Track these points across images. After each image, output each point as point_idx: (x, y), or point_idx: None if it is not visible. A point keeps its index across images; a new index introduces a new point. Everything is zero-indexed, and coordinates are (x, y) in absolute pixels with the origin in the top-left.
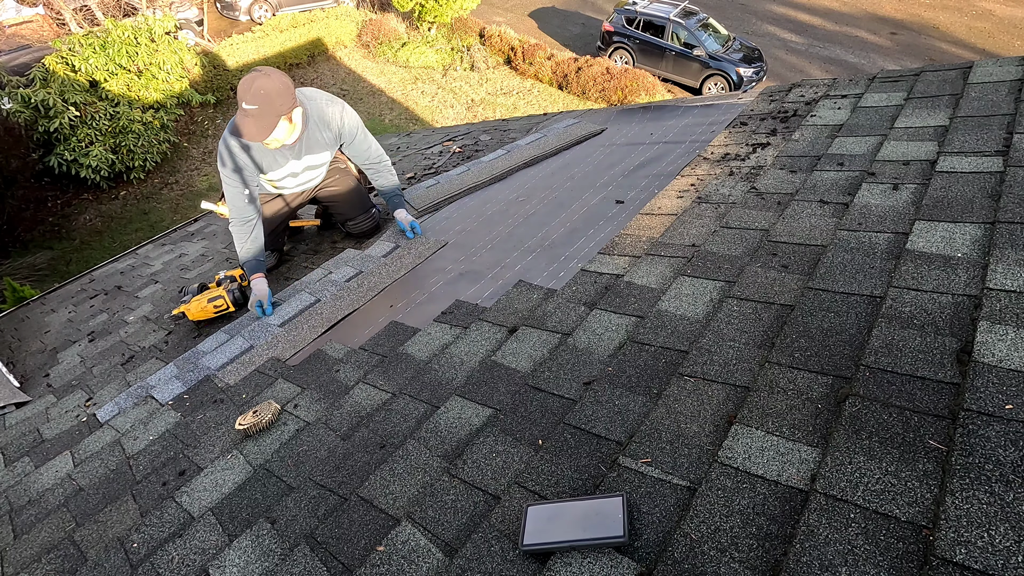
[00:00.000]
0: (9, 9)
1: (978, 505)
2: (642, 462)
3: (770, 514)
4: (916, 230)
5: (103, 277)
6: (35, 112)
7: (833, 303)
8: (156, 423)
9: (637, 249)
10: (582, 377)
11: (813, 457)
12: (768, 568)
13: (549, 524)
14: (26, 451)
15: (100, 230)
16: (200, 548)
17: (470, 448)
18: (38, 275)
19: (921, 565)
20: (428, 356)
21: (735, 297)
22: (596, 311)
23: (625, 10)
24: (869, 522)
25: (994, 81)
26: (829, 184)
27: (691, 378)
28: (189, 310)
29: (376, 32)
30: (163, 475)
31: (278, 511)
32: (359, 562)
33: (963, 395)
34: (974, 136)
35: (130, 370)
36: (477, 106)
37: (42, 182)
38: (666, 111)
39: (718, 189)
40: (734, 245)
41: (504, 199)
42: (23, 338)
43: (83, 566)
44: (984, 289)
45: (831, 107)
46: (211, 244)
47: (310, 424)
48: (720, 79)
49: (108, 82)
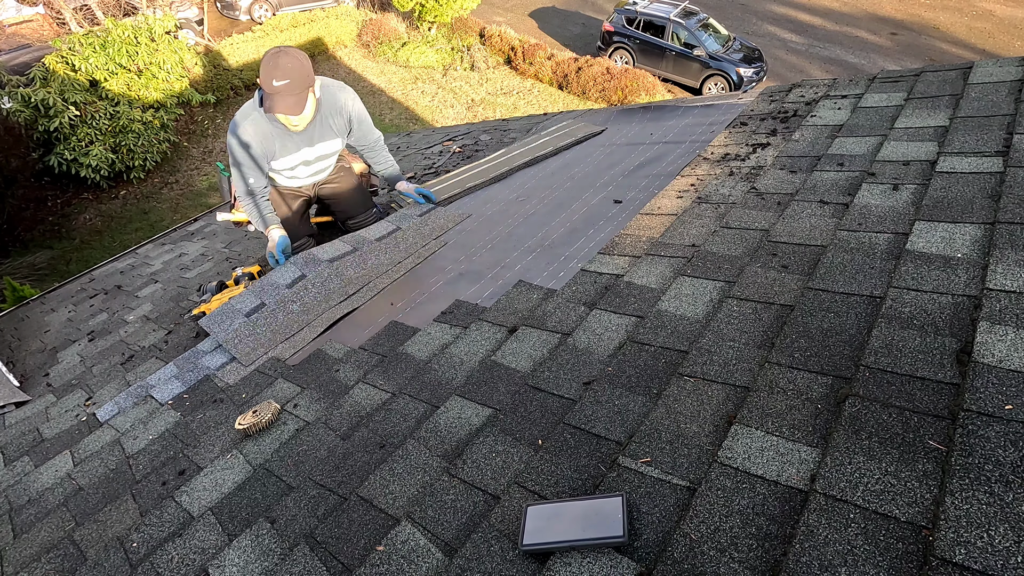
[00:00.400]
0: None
1: (978, 505)
2: (642, 462)
3: (770, 514)
4: (916, 230)
5: (103, 277)
6: (35, 111)
7: (833, 303)
8: (156, 423)
9: (637, 249)
10: (582, 377)
11: (813, 457)
12: (768, 568)
13: (549, 524)
14: (26, 450)
15: (100, 229)
16: (200, 548)
17: (470, 448)
18: (38, 274)
19: (921, 565)
20: (428, 356)
21: (735, 297)
22: (596, 311)
23: (625, 10)
24: (869, 522)
25: (994, 81)
26: (829, 184)
27: (691, 378)
28: (210, 309)
29: (376, 32)
30: (163, 475)
31: (278, 511)
32: (359, 562)
33: (963, 395)
34: (974, 136)
35: (130, 370)
36: (477, 106)
37: (42, 181)
38: (666, 111)
39: (718, 189)
40: (734, 245)
41: (504, 199)
42: (23, 337)
43: (83, 565)
44: (984, 289)
45: (831, 107)
46: (211, 244)
47: (310, 424)
48: (720, 79)
49: (108, 81)
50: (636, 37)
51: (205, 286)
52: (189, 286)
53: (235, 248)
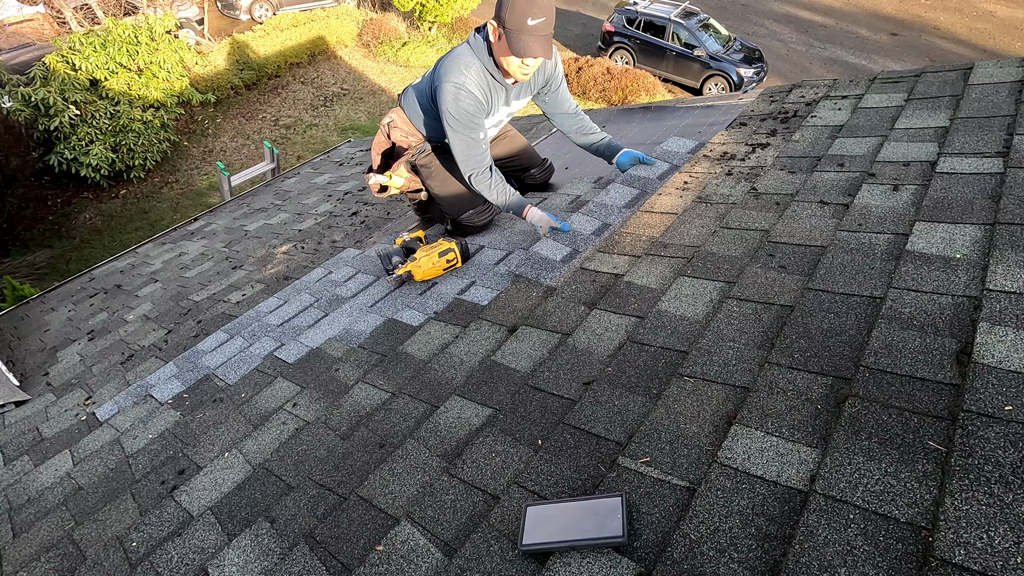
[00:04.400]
0: (10, 7)
1: (977, 506)
2: (641, 462)
3: (769, 515)
4: (916, 231)
5: (103, 276)
6: (35, 110)
7: (833, 304)
8: (155, 422)
9: (637, 249)
10: (582, 377)
11: (813, 458)
12: (767, 569)
13: (548, 524)
14: (25, 450)
15: (100, 229)
16: (199, 547)
17: (469, 448)
18: (38, 274)
19: (920, 566)
20: (428, 355)
21: (735, 298)
22: (596, 311)
23: (626, 10)
24: (868, 523)
25: (994, 82)
26: (829, 185)
27: (691, 378)
28: (420, 268)
29: (377, 31)
30: (162, 474)
31: (277, 510)
32: (358, 561)
33: (963, 396)
34: (974, 137)
35: (130, 369)
36: None
37: (42, 180)
38: (666, 111)
39: (718, 189)
40: (734, 245)
41: None
42: (23, 337)
43: (82, 565)
44: (984, 290)
45: (831, 108)
46: (211, 243)
47: (309, 423)
48: (721, 79)
49: (108, 81)
50: (636, 37)
51: (388, 252)
52: (189, 285)
53: (235, 248)
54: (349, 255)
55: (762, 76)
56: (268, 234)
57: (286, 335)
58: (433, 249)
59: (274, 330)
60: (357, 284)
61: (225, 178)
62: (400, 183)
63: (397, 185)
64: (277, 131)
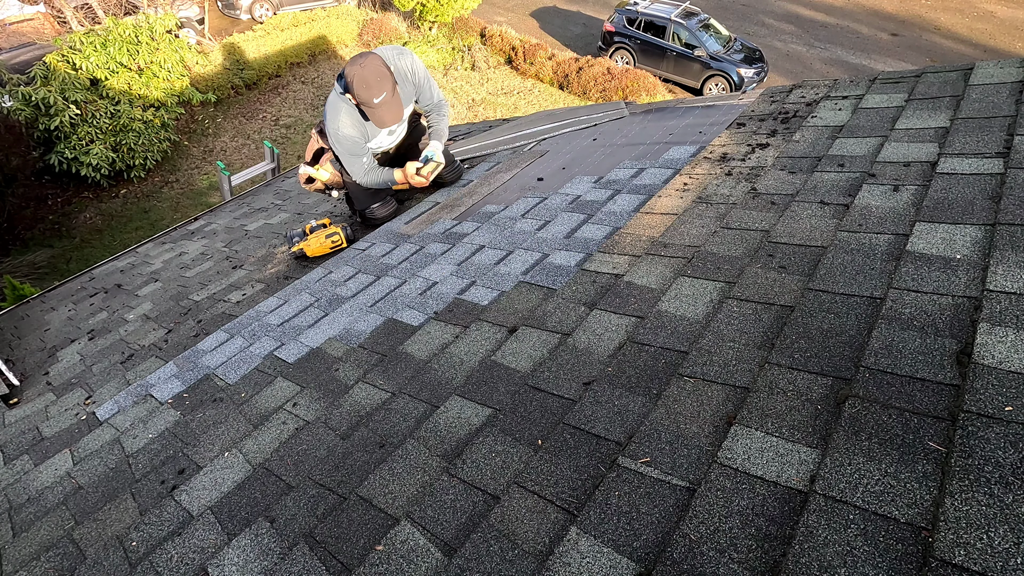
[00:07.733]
0: (11, 6)
1: (977, 507)
2: (641, 462)
3: (769, 515)
4: (916, 231)
5: (103, 275)
6: (36, 110)
7: (833, 304)
8: (155, 421)
9: (637, 249)
10: (582, 377)
11: (812, 458)
12: (767, 569)
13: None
14: (25, 449)
15: (100, 228)
16: (199, 547)
17: (469, 448)
18: (38, 273)
19: (920, 567)
20: (428, 355)
21: (735, 298)
22: (596, 311)
23: (626, 10)
24: (868, 523)
25: (995, 83)
26: (829, 185)
27: (691, 378)
28: (309, 247)
29: (377, 31)
30: (162, 473)
31: (277, 510)
32: (358, 561)
33: (963, 397)
34: (975, 138)
35: (130, 368)
36: (478, 106)
37: (42, 180)
38: (667, 112)
39: (718, 189)
40: (734, 246)
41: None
42: (23, 336)
43: (82, 564)
44: (984, 291)
45: (832, 108)
46: (211, 243)
47: (309, 423)
48: (721, 80)
49: (109, 80)
50: (637, 37)
51: (290, 232)
52: (189, 285)
53: (235, 247)
54: (349, 255)
55: (762, 76)
56: (268, 234)
57: (286, 335)
58: (323, 232)
59: (274, 330)
60: (357, 284)
61: (225, 178)
62: (326, 176)
63: (323, 178)
64: (277, 131)
